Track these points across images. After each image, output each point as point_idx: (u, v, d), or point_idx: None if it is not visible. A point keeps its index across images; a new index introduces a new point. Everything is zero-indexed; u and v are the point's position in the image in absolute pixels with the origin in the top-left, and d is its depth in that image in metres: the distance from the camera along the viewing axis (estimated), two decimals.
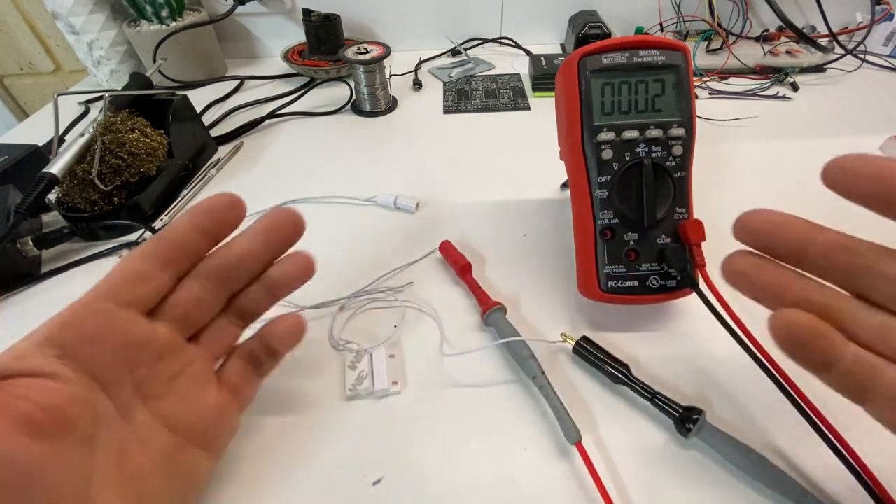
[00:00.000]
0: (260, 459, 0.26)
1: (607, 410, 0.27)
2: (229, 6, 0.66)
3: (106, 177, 0.40)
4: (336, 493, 0.25)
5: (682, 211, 0.29)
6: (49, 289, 0.37)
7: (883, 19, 0.63)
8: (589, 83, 0.29)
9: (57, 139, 0.41)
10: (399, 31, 0.73)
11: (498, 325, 0.30)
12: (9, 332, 0.34)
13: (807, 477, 0.24)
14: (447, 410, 0.28)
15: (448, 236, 0.37)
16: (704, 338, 0.31)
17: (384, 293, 0.35)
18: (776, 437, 0.26)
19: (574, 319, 0.32)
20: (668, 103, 0.29)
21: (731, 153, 0.48)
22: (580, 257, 0.31)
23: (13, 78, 0.89)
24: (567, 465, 0.25)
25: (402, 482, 0.25)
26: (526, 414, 0.27)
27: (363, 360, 0.30)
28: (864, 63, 0.64)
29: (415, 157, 0.50)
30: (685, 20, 0.66)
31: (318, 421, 0.28)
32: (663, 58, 0.28)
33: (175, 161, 0.46)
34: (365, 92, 0.57)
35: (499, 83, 0.64)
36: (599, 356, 0.28)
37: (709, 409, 0.26)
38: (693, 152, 0.29)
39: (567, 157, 0.32)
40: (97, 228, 0.40)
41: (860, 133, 0.50)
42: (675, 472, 0.25)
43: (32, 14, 0.79)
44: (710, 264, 0.29)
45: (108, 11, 0.64)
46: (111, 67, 0.65)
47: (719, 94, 0.58)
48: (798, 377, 0.24)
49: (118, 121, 0.41)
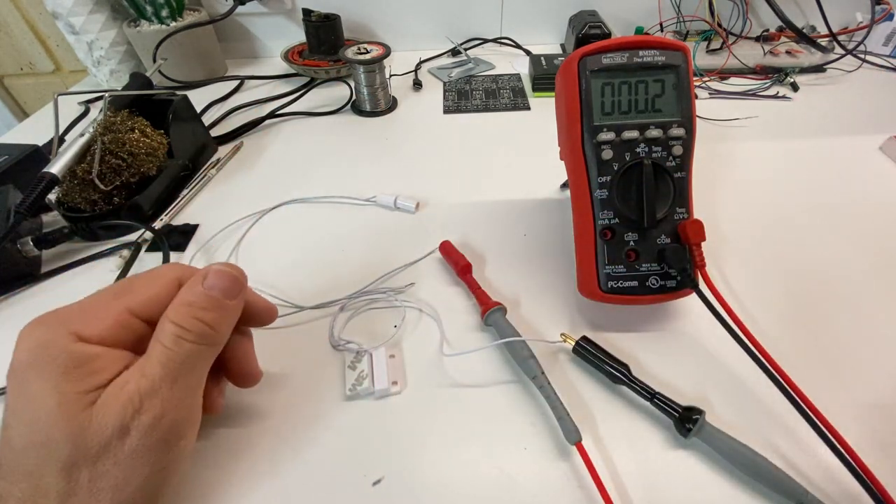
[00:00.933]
0: (260, 459, 0.26)
1: (607, 410, 0.27)
2: (229, 6, 0.66)
3: (106, 177, 0.40)
4: (336, 494, 0.25)
5: (682, 211, 0.29)
6: (49, 289, 0.37)
7: (883, 19, 0.63)
8: (589, 83, 0.29)
9: (57, 139, 0.41)
10: (399, 31, 0.73)
11: (498, 325, 0.30)
12: (9, 332, 0.34)
13: (807, 477, 0.24)
14: (447, 410, 0.28)
15: (448, 236, 0.38)
16: (704, 338, 0.31)
17: (385, 293, 0.35)
18: (776, 437, 0.26)
19: (574, 319, 0.32)
20: (668, 103, 0.29)
21: (731, 153, 0.48)
22: (580, 257, 0.31)
23: (13, 78, 0.89)
24: (567, 465, 0.25)
25: (402, 482, 0.25)
26: (526, 414, 0.27)
27: (363, 360, 0.30)
28: (864, 63, 0.64)
29: (415, 157, 0.50)
30: (685, 20, 0.66)
31: (318, 421, 0.28)
32: (663, 58, 0.28)
33: (175, 161, 0.46)
34: (365, 92, 0.57)
35: (499, 83, 0.64)
36: (599, 356, 0.28)
37: (709, 409, 0.26)
38: (693, 152, 0.29)
39: (567, 157, 0.32)
40: (97, 228, 0.40)
41: (860, 133, 0.50)
42: (675, 472, 0.25)
43: (32, 14, 0.79)
44: (709, 265, 0.29)
45: (108, 11, 0.63)
46: (111, 67, 0.65)
47: (719, 94, 0.58)
48: (798, 377, 0.24)
49: (118, 121, 0.41)
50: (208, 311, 0.22)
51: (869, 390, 0.28)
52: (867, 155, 0.47)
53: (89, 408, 0.19)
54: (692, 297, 0.28)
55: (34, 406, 0.19)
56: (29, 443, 0.19)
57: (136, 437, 0.19)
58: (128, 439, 0.19)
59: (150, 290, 0.22)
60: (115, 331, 0.21)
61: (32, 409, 0.19)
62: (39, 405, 0.19)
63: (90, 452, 0.19)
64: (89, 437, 0.19)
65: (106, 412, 0.19)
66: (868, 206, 0.41)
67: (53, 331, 0.20)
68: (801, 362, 0.28)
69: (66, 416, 0.19)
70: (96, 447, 0.19)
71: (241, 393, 0.29)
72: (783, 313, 0.32)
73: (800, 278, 0.35)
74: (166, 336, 0.21)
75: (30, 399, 0.19)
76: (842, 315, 0.32)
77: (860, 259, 0.36)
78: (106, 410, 0.19)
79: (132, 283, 0.23)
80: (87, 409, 0.19)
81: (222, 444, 0.27)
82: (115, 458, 0.19)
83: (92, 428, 0.19)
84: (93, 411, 0.19)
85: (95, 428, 0.19)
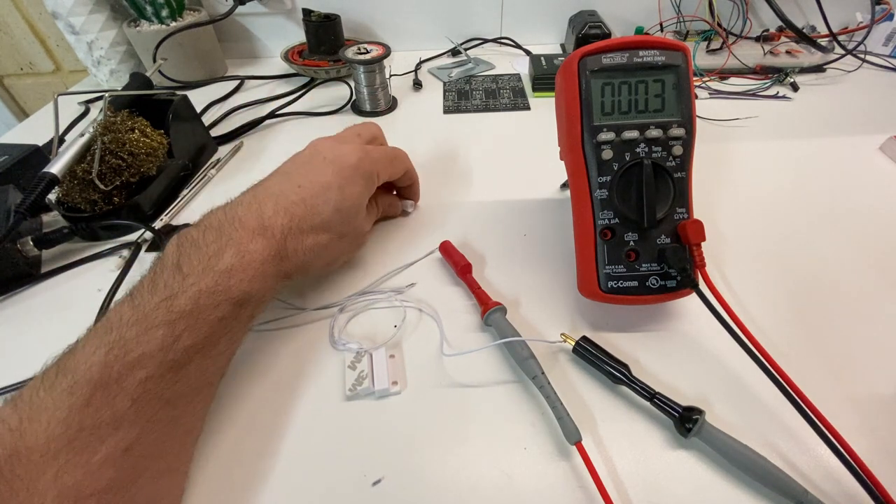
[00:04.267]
0: (260, 459, 0.26)
1: (607, 410, 0.27)
2: (229, 6, 0.66)
3: (106, 177, 0.40)
4: (336, 493, 0.25)
5: (682, 211, 0.29)
6: (49, 289, 0.37)
7: (883, 19, 0.63)
8: (589, 83, 0.29)
9: (57, 139, 0.41)
10: (399, 31, 0.73)
11: (498, 325, 0.30)
12: (9, 332, 0.34)
13: (807, 477, 0.24)
14: (447, 410, 0.28)
15: (448, 236, 0.38)
16: (704, 338, 0.31)
17: (385, 294, 0.35)
18: (776, 437, 0.26)
19: (574, 319, 0.32)
20: (668, 103, 0.29)
21: (731, 153, 0.48)
22: (580, 257, 0.31)
23: (13, 78, 0.89)
24: (567, 465, 0.25)
25: (402, 482, 0.25)
26: (526, 414, 0.27)
27: (363, 361, 0.30)
28: (864, 63, 0.64)
29: (415, 157, 0.50)
30: (685, 20, 0.66)
31: (318, 421, 0.28)
32: (663, 58, 0.28)
33: (175, 161, 0.46)
34: (365, 92, 0.57)
35: (499, 83, 0.64)
36: (599, 356, 0.28)
37: (709, 409, 0.26)
38: (693, 152, 0.29)
39: (567, 157, 0.32)
40: (97, 228, 0.40)
41: (860, 133, 0.50)
42: (675, 472, 0.25)
43: (32, 14, 0.79)
44: (709, 265, 0.29)
45: (108, 11, 0.63)
46: (111, 67, 0.65)
47: (719, 94, 0.58)
48: (798, 377, 0.24)
49: (118, 121, 0.41)
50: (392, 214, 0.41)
51: (869, 390, 0.28)
52: (867, 155, 0.47)
53: (363, 208, 0.33)
54: (692, 297, 0.28)
55: (354, 200, 0.31)
56: (338, 208, 0.30)
57: (361, 239, 0.35)
58: (360, 238, 0.35)
59: (401, 171, 0.37)
60: (382, 182, 0.35)
61: (352, 198, 0.31)
62: (357, 201, 0.32)
63: (353, 233, 0.33)
64: (358, 227, 0.33)
65: (365, 221, 0.34)
66: (868, 205, 0.41)
67: (373, 169, 0.33)
68: (800, 362, 0.28)
69: (362, 212, 0.33)
70: (354, 233, 0.33)
71: (240, 393, 0.29)
72: (783, 313, 0.32)
73: (800, 278, 0.35)
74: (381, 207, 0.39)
75: (353, 192, 0.31)
76: (841, 315, 0.32)
77: (860, 259, 0.36)
78: (365, 221, 0.34)
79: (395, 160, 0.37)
80: (364, 214, 0.33)
81: (222, 445, 0.27)
82: (352, 241, 0.33)
83: (360, 223, 0.33)
84: (364, 216, 0.34)
85: (360, 224, 0.33)
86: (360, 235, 0.34)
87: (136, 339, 0.22)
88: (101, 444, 0.20)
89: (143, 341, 0.22)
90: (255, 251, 0.26)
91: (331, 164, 0.31)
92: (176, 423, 0.23)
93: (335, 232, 0.30)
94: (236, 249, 0.26)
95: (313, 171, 0.31)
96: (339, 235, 0.31)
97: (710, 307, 0.26)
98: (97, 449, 0.20)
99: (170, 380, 0.22)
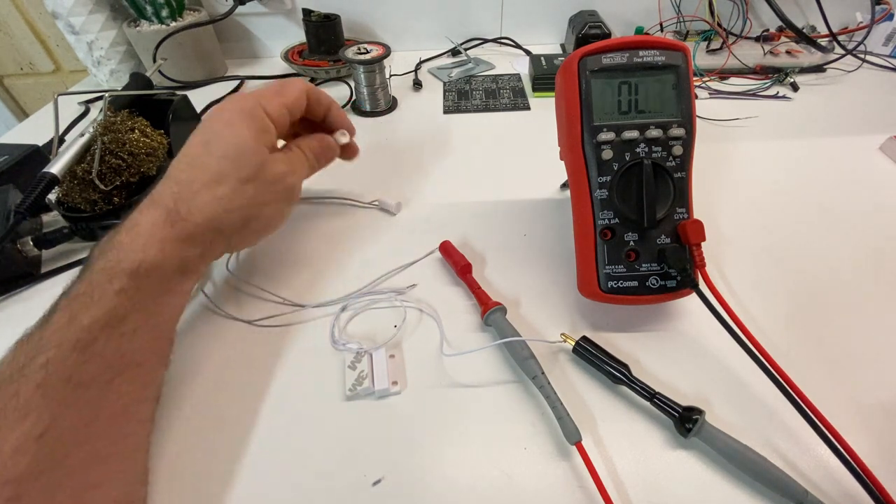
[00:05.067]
0: (260, 459, 0.26)
1: (607, 410, 0.27)
2: (229, 6, 0.66)
3: (106, 177, 0.40)
4: (336, 494, 0.25)
5: (682, 211, 0.29)
6: (49, 289, 0.37)
7: (883, 19, 0.63)
8: (589, 83, 0.29)
9: (57, 139, 0.41)
10: (399, 31, 0.73)
11: (498, 325, 0.30)
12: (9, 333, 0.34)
13: (807, 477, 0.24)
14: (447, 410, 0.28)
15: (448, 236, 0.38)
16: (704, 338, 0.31)
17: (385, 294, 0.35)
18: (776, 437, 0.26)
19: (574, 319, 0.32)
20: (668, 103, 0.29)
21: (731, 153, 0.48)
22: (580, 257, 0.31)
23: (13, 78, 0.89)
24: (567, 465, 0.25)
25: (402, 482, 0.25)
26: (526, 414, 0.27)
27: (363, 361, 0.30)
28: (864, 63, 0.64)
29: (415, 157, 0.50)
30: (685, 20, 0.66)
31: (318, 421, 0.28)
32: (663, 58, 0.28)
33: None
34: (365, 92, 0.57)
35: (499, 83, 0.64)
36: (599, 356, 0.28)
37: (709, 409, 0.26)
38: (693, 152, 0.29)
39: (567, 157, 0.32)
40: (97, 228, 0.40)
41: (860, 133, 0.50)
42: (675, 472, 0.25)
43: (32, 14, 0.79)
44: (709, 265, 0.29)
45: (108, 11, 0.63)
46: (111, 67, 0.65)
47: (719, 94, 0.58)
48: (798, 377, 0.24)
49: (118, 121, 0.41)
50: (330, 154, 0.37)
51: (869, 390, 0.28)
52: (867, 155, 0.47)
53: (268, 156, 0.31)
54: (692, 297, 0.28)
55: (237, 139, 0.29)
56: (224, 154, 0.29)
57: (279, 186, 0.31)
58: (277, 185, 0.31)
59: (294, 95, 0.33)
60: (280, 117, 0.32)
61: (234, 138, 0.29)
62: (242, 139, 0.29)
63: (260, 178, 0.30)
64: (265, 171, 0.30)
65: (275, 164, 0.31)
66: (868, 205, 0.41)
67: (255, 103, 0.31)
68: (800, 362, 0.28)
69: (259, 151, 0.30)
70: (263, 179, 0.30)
71: (240, 393, 0.29)
72: (783, 313, 0.32)
73: (800, 278, 0.35)
74: (309, 150, 0.35)
75: (234, 133, 0.29)
76: (841, 315, 0.32)
77: (860, 259, 0.36)
78: (275, 163, 0.31)
79: (284, 87, 0.33)
80: (266, 156, 0.30)
81: (223, 445, 0.27)
82: (265, 189, 0.30)
83: (267, 166, 0.30)
84: (269, 158, 0.31)
85: (268, 168, 0.30)
86: (280, 182, 0.31)
87: (39, 329, 0.23)
88: (10, 432, 0.20)
89: (44, 329, 0.23)
90: (143, 222, 0.27)
91: (208, 121, 0.30)
92: (96, 406, 0.23)
93: (232, 179, 0.29)
94: (126, 226, 0.27)
95: (195, 135, 0.30)
96: (241, 182, 0.29)
97: (710, 307, 0.26)
98: (6, 437, 0.20)
99: (76, 360, 0.22)
